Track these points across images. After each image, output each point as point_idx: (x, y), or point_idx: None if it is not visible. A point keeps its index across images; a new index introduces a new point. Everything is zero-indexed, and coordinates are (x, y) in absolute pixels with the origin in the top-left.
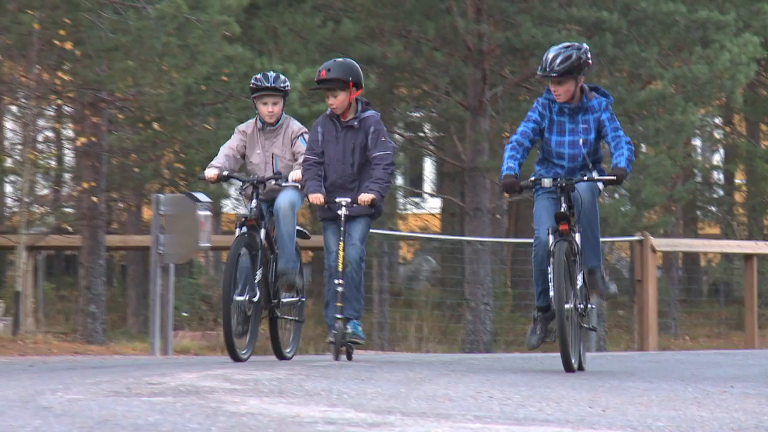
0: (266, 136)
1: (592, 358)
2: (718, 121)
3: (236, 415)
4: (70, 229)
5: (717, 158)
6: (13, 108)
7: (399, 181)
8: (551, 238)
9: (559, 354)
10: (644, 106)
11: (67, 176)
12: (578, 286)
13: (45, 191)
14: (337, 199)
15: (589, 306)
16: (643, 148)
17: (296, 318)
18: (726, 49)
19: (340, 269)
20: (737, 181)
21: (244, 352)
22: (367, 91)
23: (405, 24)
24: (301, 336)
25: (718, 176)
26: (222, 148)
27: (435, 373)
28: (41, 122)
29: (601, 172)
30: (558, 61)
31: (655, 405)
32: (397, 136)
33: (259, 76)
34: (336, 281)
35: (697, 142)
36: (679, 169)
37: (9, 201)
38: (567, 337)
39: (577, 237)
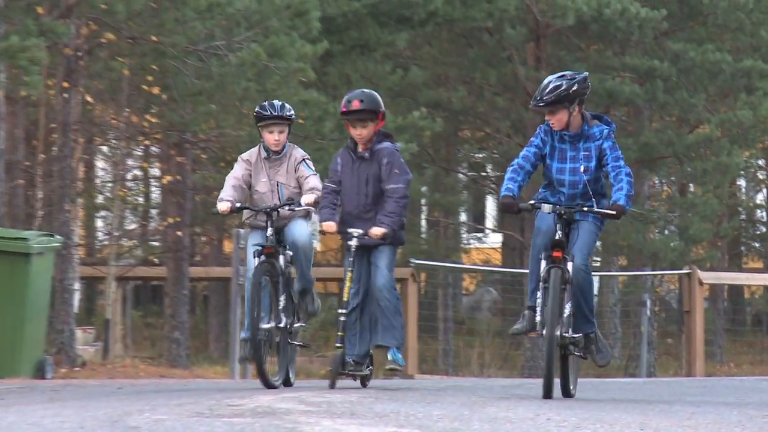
0: (271, 165)
1: (643, 384)
2: (761, 162)
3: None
4: (156, 261)
5: (760, 197)
6: (104, 148)
7: (463, 217)
8: (543, 264)
9: (612, 379)
10: (692, 149)
11: (153, 212)
12: (566, 315)
13: (133, 226)
14: (349, 230)
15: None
16: (691, 187)
17: (302, 343)
18: (767, 98)
19: (345, 299)
20: None
21: (276, 378)
22: (433, 134)
23: (469, 71)
24: None
25: (761, 214)
26: (227, 180)
27: (496, 397)
28: (130, 162)
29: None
30: (547, 90)
31: (702, 427)
32: (460, 176)
33: (265, 104)
34: (339, 311)
35: (741, 182)
36: (724, 207)
37: (100, 235)
38: (552, 363)
39: (569, 266)
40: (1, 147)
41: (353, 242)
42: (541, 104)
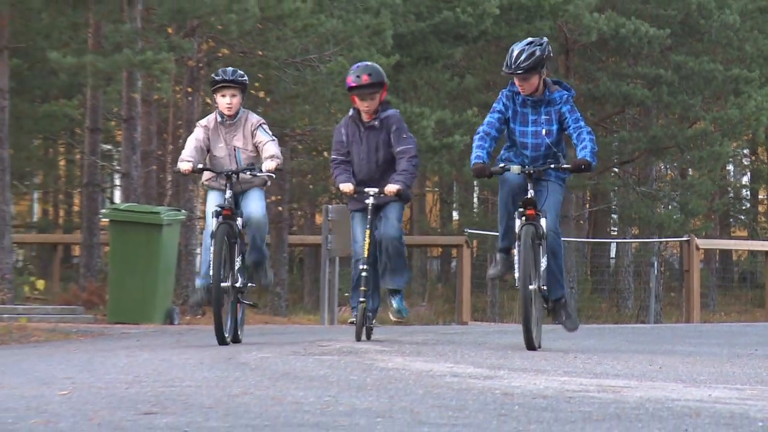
0: (227, 130)
1: (651, 329)
2: (746, 151)
3: (385, 370)
4: None
5: (745, 179)
6: None
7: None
8: (518, 223)
9: (626, 325)
10: (691, 141)
11: None
12: (542, 269)
13: None
14: (366, 189)
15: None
16: (690, 171)
17: (251, 303)
18: (752, 98)
19: (366, 255)
20: (760, 196)
21: (227, 336)
22: None
23: None
24: None
25: (745, 193)
26: (189, 141)
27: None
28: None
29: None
30: (523, 57)
31: (699, 363)
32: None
33: (218, 70)
34: (361, 266)
35: (730, 167)
36: (716, 187)
37: None
38: (530, 317)
39: (543, 222)
40: (138, 139)
41: (370, 200)
42: (520, 71)
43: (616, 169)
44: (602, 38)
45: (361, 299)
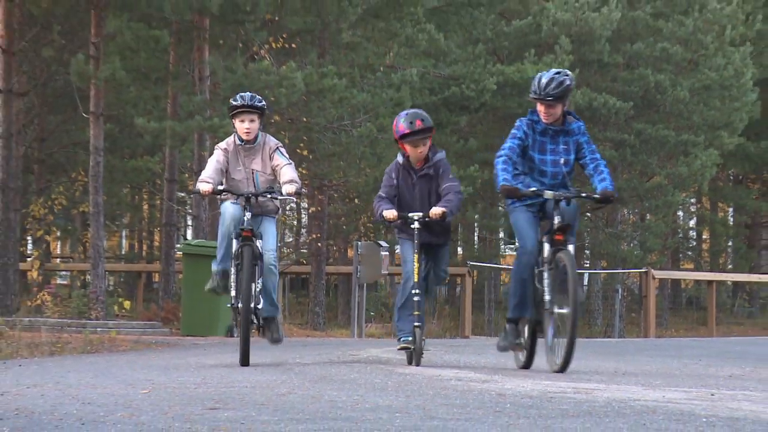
0: (245, 154)
1: (616, 343)
2: (693, 200)
3: (402, 374)
4: (304, 261)
5: (692, 223)
6: None
7: (500, 234)
8: (546, 247)
9: (594, 339)
10: (648, 192)
11: (303, 230)
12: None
13: (290, 239)
14: (410, 214)
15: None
16: (648, 216)
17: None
18: (698, 157)
19: (416, 280)
20: (704, 236)
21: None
22: (483, 181)
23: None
24: None
25: (692, 233)
26: (209, 163)
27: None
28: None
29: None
30: (553, 85)
31: (655, 371)
32: (500, 208)
33: (237, 96)
34: (413, 291)
35: (680, 213)
36: (669, 229)
37: None
38: (575, 340)
39: (570, 248)
40: None
41: (416, 225)
42: (549, 98)
43: (588, 214)
44: (578, 109)
45: (417, 324)
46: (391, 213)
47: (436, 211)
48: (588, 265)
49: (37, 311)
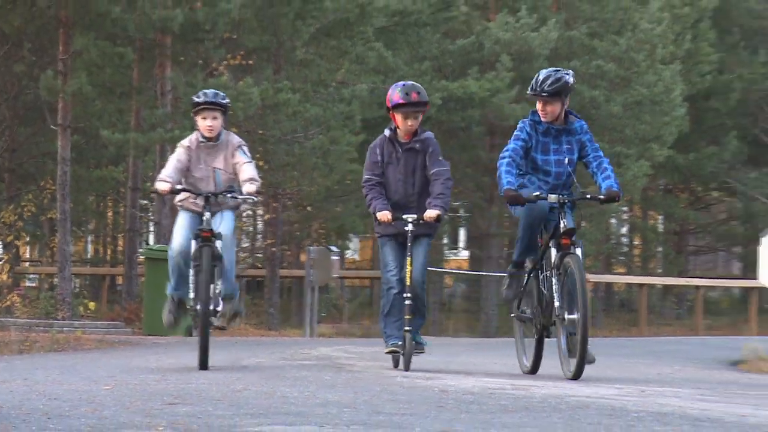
0: (208, 151)
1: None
2: (625, 209)
3: (351, 372)
4: (259, 265)
5: (624, 230)
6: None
7: (444, 240)
8: (554, 252)
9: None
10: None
11: (258, 236)
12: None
13: (246, 244)
14: (404, 216)
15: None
16: (583, 223)
17: (220, 326)
18: (630, 169)
19: (408, 283)
20: (635, 242)
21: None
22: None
23: (452, 153)
24: None
25: (624, 240)
26: (170, 161)
27: (465, 350)
28: (244, 205)
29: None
30: (549, 82)
31: (589, 368)
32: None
33: (200, 92)
34: (405, 295)
35: (613, 221)
36: (603, 235)
37: None
38: (587, 345)
39: (578, 251)
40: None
41: (409, 227)
42: (544, 94)
43: None
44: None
45: (407, 328)
46: (385, 215)
47: (430, 214)
48: None
49: (7, 312)
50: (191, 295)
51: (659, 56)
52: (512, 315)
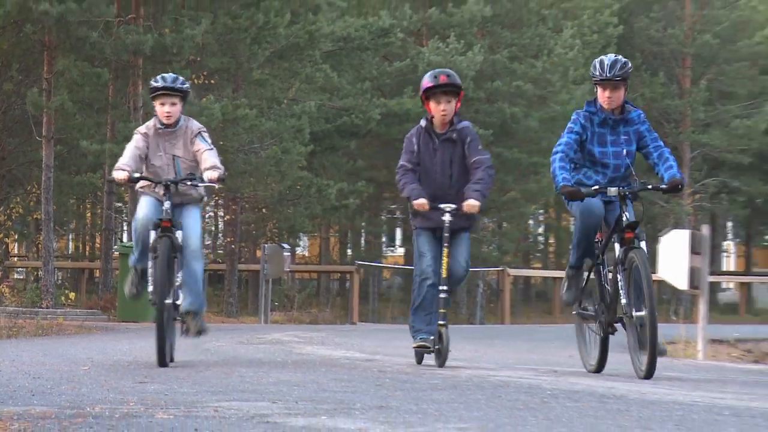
0: (166, 138)
1: (477, 328)
2: (541, 211)
3: (300, 354)
4: (220, 261)
5: (540, 230)
6: None
7: (383, 239)
8: (617, 246)
9: (462, 326)
10: (505, 204)
11: (219, 235)
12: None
13: (208, 242)
14: (441, 205)
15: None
16: (504, 224)
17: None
18: (546, 176)
19: (445, 276)
20: (551, 240)
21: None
22: (369, 194)
23: (388, 161)
24: None
25: (541, 239)
26: (127, 149)
27: (400, 335)
28: (207, 207)
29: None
30: (618, 66)
31: (509, 351)
32: (383, 217)
33: (158, 77)
34: (440, 287)
35: (531, 222)
36: (521, 234)
37: None
38: (657, 341)
39: (643, 245)
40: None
41: (446, 217)
42: (617, 78)
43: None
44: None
45: (441, 322)
46: (422, 203)
47: (470, 204)
48: None
49: None
50: (150, 288)
51: (571, 77)
52: (574, 312)
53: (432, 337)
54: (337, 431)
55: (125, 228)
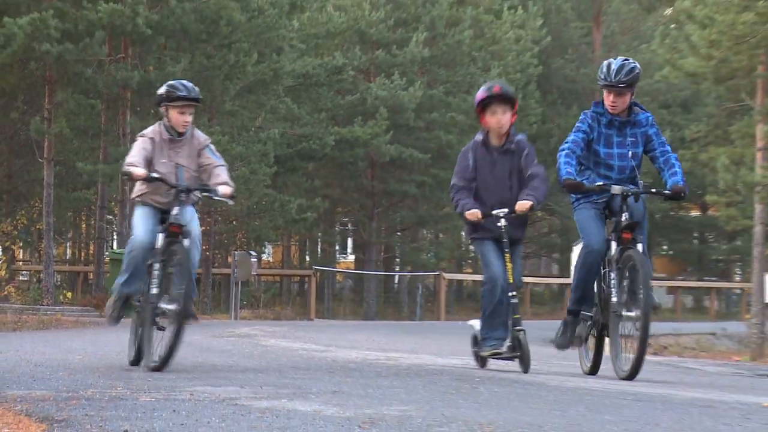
0: (171, 146)
1: (417, 324)
2: None
3: (265, 346)
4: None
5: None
6: None
7: (337, 246)
8: (614, 245)
9: (404, 322)
10: (441, 217)
11: None
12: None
13: None
14: (494, 211)
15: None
16: (441, 235)
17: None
18: None
19: (512, 281)
20: None
21: (155, 359)
22: (325, 209)
23: (340, 181)
24: None
25: (472, 247)
26: (137, 149)
27: (352, 329)
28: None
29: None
30: (624, 71)
31: (445, 344)
32: (336, 228)
33: (175, 83)
34: (510, 294)
35: (463, 233)
36: (455, 244)
37: None
38: (646, 345)
39: (639, 247)
40: (127, 212)
41: (502, 222)
42: (622, 85)
43: (399, 233)
44: (392, 160)
45: (518, 328)
46: (474, 214)
47: (522, 204)
48: (399, 269)
49: (4, 299)
50: (154, 290)
51: None
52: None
53: (505, 344)
54: (295, 413)
55: (115, 237)
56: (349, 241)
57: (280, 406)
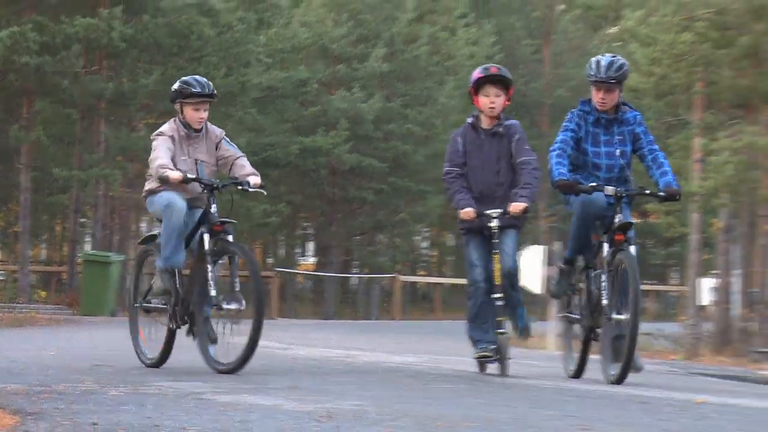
0: (190, 142)
1: (373, 324)
2: (426, 229)
3: (230, 344)
4: None
5: (426, 244)
6: None
7: (298, 250)
8: (605, 248)
9: (362, 321)
10: (398, 223)
11: None
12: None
13: None
14: (487, 212)
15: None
16: (397, 240)
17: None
18: (431, 200)
19: (498, 282)
20: (433, 253)
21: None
22: (287, 214)
23: (305, 188)
24: None
25: (426, 252)
26: (162, 149)
27: (311, 329)
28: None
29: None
30: (614, 68)
31: (400, 342)
32: (299, 232)
33: (190, 80)
34: (494, 295)
35: (418, 237)
36: (410, 248)
37: None
38: (635, 349)
39: (632, 249)
40: (99, 215)
41: (494, 223)
42: (612, 81)
43: (357, 237)
44: (352, 168)
45: (501, 330)
46: (468, 213)
47: (516, 206)
48: (358, 271)
49: None
50: (212, 292)
51: (452, 122)
52: (559, 315)
53: (493, 346)
54: (256, 407)
55: (87, 239)
56: (311, 245)
57: (242, 401)
